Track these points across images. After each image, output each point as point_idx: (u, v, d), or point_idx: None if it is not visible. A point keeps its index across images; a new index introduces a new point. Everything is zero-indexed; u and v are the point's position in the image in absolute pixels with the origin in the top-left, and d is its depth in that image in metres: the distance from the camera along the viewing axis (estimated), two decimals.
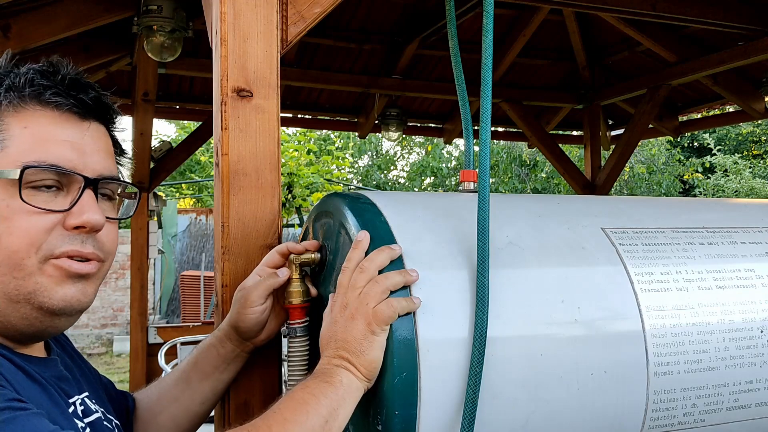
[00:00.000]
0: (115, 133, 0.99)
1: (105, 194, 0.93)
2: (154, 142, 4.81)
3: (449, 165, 16.89)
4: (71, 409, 0.88)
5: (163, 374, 4.66)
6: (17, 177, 0.82)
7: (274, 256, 1.13)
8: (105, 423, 0.95)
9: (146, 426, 1.16)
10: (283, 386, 1.25)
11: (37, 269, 0.84)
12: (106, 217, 0.90)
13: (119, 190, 0.97)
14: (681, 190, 15.09)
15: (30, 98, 0.87)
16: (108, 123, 0.97)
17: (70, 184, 0.87)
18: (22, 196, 0.82)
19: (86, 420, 0.91)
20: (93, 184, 0.88)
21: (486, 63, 1.11)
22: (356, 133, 5.73)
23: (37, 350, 0.92)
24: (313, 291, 1.14)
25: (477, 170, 1.14)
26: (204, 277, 10.43)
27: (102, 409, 0.98)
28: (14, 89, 0.87)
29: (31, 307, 0.84)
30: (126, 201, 1.01)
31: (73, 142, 0.87)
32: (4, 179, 0.83)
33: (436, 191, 16.17)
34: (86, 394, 0.96)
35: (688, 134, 10.34)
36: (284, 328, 1.15)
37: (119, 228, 0.99)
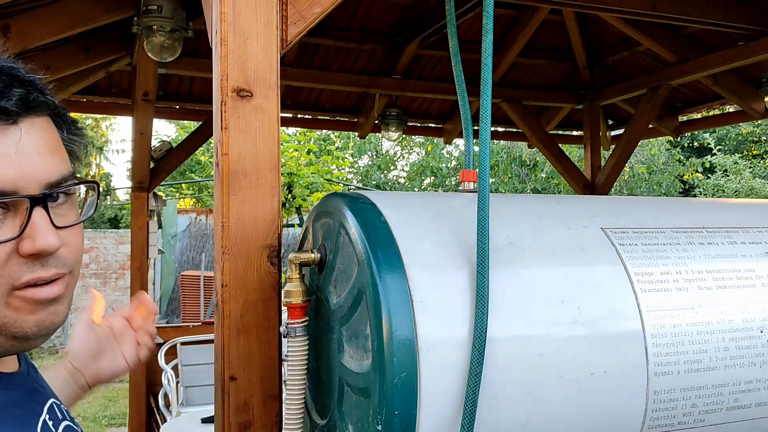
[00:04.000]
0: (59, 111, 0.85)
1: (60, 197, 0.81)
2: (154, 142, 4.81)
3: (449, 165, 16.89)
4: (40, 426, 0.83)
5: (163, 374, 4.66)
6: None
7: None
8: (75, 428, 0.92)
9: None
10: (283, 386, 1.25)
11: (2, 304, 0.76)
12: (66, 226, 0.81)
13: (75, 184, 0.84)
14: (681, 190, 15.09)
15: None
16: (45, 111, 0.82)
17: (15, 204, 0.75)
18: None
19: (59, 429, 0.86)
20: (41, 201, 0.76)
21: (486, 63, 1.11)
22: (356, 133, 5.73)
23: (9, 363, 0.85)
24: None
25: (477, 170, 1.14)
26: (204, 277, 10.43)
27: (69, 415, 0.94)
28: None
29: (4, 337, 0.77)
30: (83, 189, 0.87)
31: (6, 156, 0.74)
32: None
33: (436, 191, 16.17)
34: (53, 399, 0.90)
35: (688, 134, 10.34)
36: (284, 327, 1.16)
37: (119, 228, 0.95)
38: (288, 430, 1.15)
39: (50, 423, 0.85)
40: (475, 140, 1.31)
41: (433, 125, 6.01)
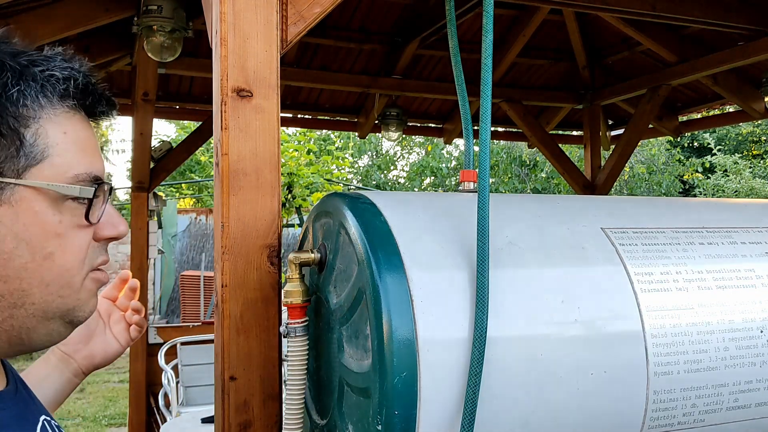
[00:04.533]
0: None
1: None
2: (154, 142, 4.80)
3: (449, 165, 16.88)
4: None
5: (163, 374, 4.66)
6: (78, 194, 0.76)
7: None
8: None
9: None
10: (283, 386, 1.25)
11: (80, 285, 0.79)
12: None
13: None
14: (681, 190, 15.09)
15: (60, 98, 0.77)
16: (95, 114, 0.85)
17: (104, 191, 0.80)
18: (73, 210, 0.77)
19: None
20: (111, 192, 0.82)
21: (486, 63, 1.11)
22: (356, 133, 5.73)
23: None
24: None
25: (477, 170, 1.14)
26: (204, 277, 10.43)
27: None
28: (48, 86, 0.76)
29: (62, 322, 0.79)
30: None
31: (96, 148, 0.81)
32: (53, 193, 0.75)
33: (436, 191, 16.17)
34: (44, 417, 0.88)
35: (688, 134, 10.34)
36: (284, 327, 1.16)
37: None
38: (288, 430, 1.15)
39: None
40: (475, 140, 1.31)
41: (433, 125, 6.01)
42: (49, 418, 0.89)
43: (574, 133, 6.53)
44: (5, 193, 0.71)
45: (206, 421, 3.86)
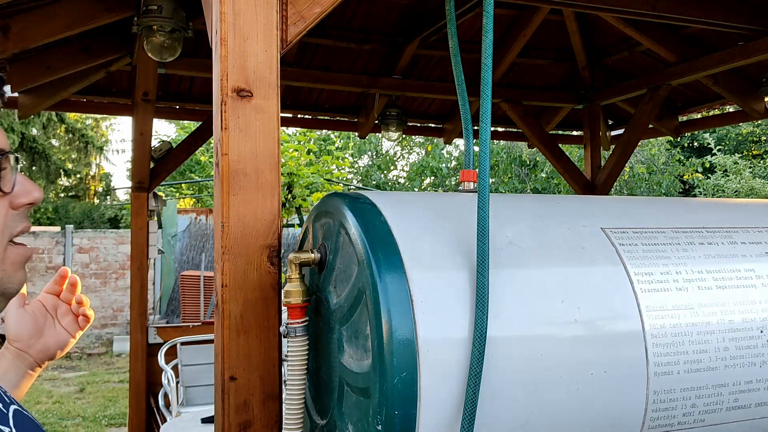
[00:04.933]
0: None
1: None
2: (154, 142, 4.80)
3: (449, 165, 16.88)
4: None
5: (163, 374, 4.66)
6: None
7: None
8: (24, 412, 0.91)
9: None
10: (283, 386, 1.25)
11: (2, 255, 0.82)
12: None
13: None
14: (681, 190, 15.09)
15: None
16: None
17: (8, 161, 0.84)
18: None
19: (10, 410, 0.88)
20: (17, 161, 0.85)
21: (486, 63, 1.11)
22: (356, 133, 5.72)
23: None
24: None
25: (477, 170, 1.14)
26: (204, 277, 10.43)
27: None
28: None
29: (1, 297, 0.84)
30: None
31: None
32: None
33: (436, 191, 16.16)
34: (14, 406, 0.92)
35: (688, 134, 10.35)
36: (284, 327, 1.15)
37: (119, 228, 0.98)
38: (288, 430, 1.15)
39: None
40: (475, 140, 1.31)
41: (433, 125, 6.00)
42: (2, 390, 0.93)
43: (574, 133, 6.53)
44: None
45: (206, 421, 3.86)
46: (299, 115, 5.54)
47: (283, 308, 1.18)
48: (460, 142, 11.51)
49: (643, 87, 4.53)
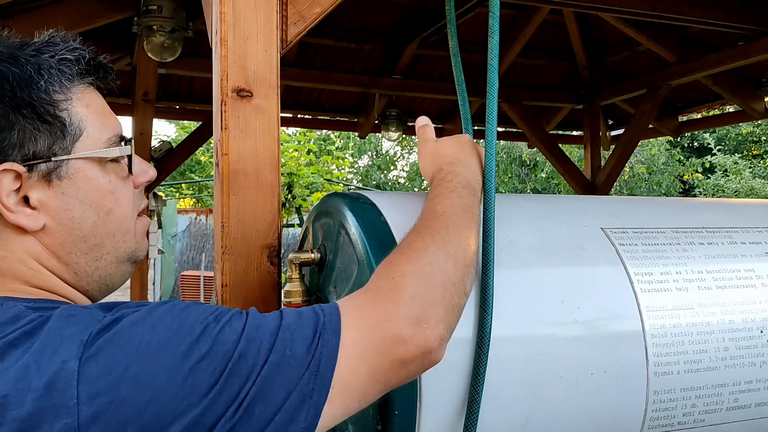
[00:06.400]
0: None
1: None
2: (154, 142, 4.80)
3: None
4: None
5: None
6: (119, 154, 0.90)
7: None
8: None
9: None
10: None
11: (134, 228, 0.94)
12: None
13: None
14: (681, 190, 15.09)
15: (78, 76, 0.89)
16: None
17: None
18: (114, 168, 0.90)
19: None
20: (131, 142, 0.95)
21: (492, 64, 1.11)
22: (356, 133, 5.72)
23: None
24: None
25: None
26: (204, 277, 10.43)
27: None
28: (65, 69, 0.87)
29: (129, 263, 0.94)
30: None
31: (110, 110, 0.94)
32: (98, 159, 0.88)
33: None
34: None
35: (688, 134, 10.34)
36: None
37: None
38: None
39: None
40: (480, 141, 1.31)
41: (433, 125, 6.00)
42: None
43: (574, 133, 6.53)
44: (63, 170, 0.85)
45: None
46: (299, 115, 5.54)
47: (283, 308, 1.18)
48: None
49: (643, 87, 4.53)
